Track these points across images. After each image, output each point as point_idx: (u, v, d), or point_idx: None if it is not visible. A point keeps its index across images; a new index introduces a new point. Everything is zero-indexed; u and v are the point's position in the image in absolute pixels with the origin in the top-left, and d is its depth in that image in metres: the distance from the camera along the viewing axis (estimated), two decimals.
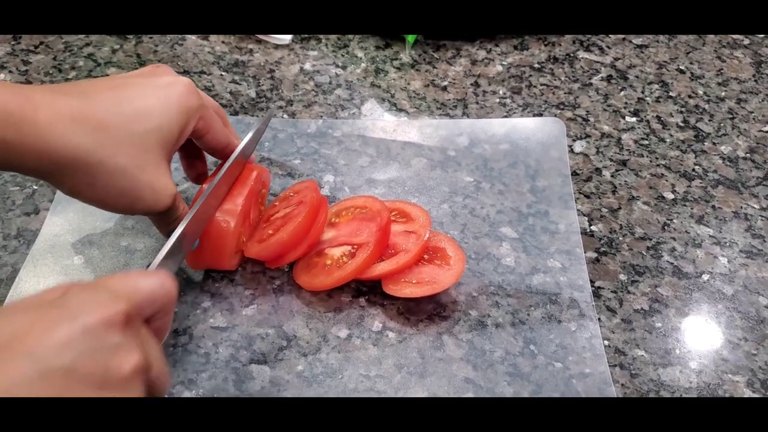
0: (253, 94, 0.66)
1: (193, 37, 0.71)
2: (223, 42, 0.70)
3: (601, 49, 0.72)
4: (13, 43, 0.69)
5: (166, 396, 0.39)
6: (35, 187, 0.57)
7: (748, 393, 0.47)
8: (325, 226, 0.53)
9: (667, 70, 0.70)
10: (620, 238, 0.56)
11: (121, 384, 0.31)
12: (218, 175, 0.47)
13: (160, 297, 0.35)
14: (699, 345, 0.50)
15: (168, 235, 0.45)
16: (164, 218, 0.46)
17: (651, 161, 0.62)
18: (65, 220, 0.54)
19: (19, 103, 0.37)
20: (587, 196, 0.59)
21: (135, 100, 0.41)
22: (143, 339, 0.34)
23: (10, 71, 0.66)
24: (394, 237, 0.52)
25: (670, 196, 0.59)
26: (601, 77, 0.69)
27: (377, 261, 0.50)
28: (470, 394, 0.46)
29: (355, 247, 0.51)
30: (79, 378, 0.30)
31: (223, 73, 0.67)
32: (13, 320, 0.31)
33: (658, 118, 0.66)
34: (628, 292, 0.52)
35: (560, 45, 0.72)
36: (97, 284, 0.34)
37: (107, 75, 0.66)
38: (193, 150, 0.51)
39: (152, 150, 0.41)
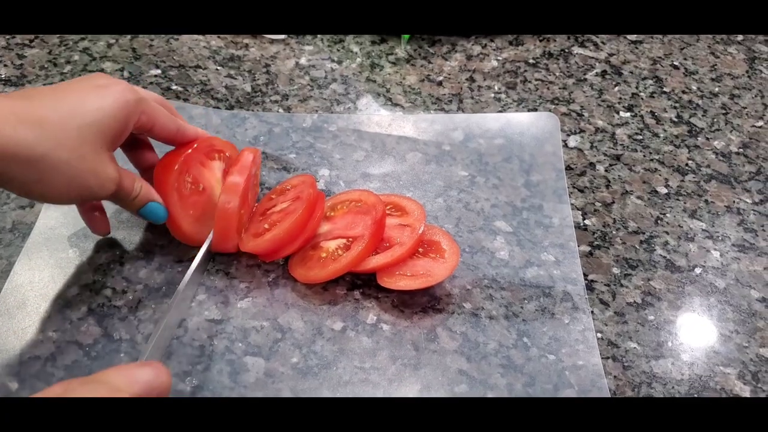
0: (248, 89, 0.66)
1: None
2: (218, 37, 0.71)
3: (595, 44, 0.73)
4: (7, 37, 0.69)
5: None
6: None
7: (738, 385, 0.47)
8: (321, 221, 0.53)
9: (661, 65, 0.71)
10: (613, 232, 0.56)
11: None
12: (182, 283, 0.48)
13: (156, 387, 0.37)
14: (691, 337, 0.50)
15: (137, 213, 0.49)
16: (123, 202, 0.48)
17: (645, 156, 0.62)
18: (60, 213, 0.54)
19: None
20: (581, 191, 0.59)
21: (73, 98, 0.44)
22: None
23: (5, 65, 0.66)
24: (389, 230, 0.52)
25: (663, 190, 0.59)
26: (596, 73, 0.70)
27: (372, 254, 0.51)
28: (464, 386, 0.46)
29: (350, 240, 0.51)
30: None
31: (218, 68, 0.67)
32: None
33: (652, 113, 0.66)
34: (621, 286, 0.53)
35: (555, 41, 0.73)
36: (95, 379, 0.36)
37: (102, 70, 0.66)
38: (138, 143, 0.53)
39: (91, 142, 0.43)
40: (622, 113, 0.66)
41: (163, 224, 0.51)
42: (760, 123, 0.65)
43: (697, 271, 0.54)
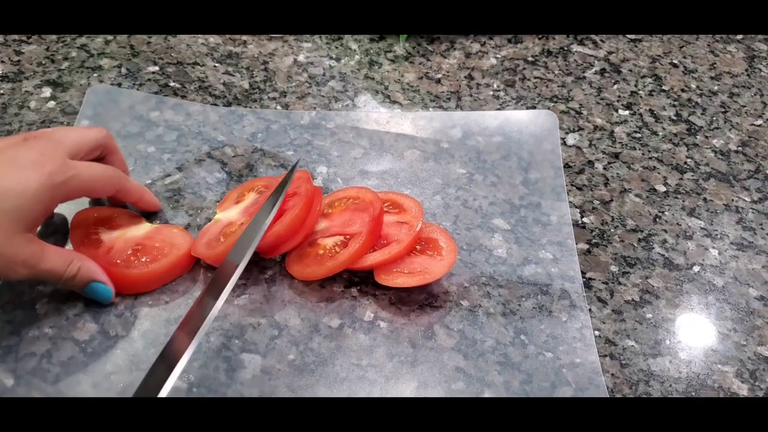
0: (246, 86, 0.66)
1: None
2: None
3: (594, 43, 0.73)
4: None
5: None
6: None
7: (736, 383, 0.47)
8: (319, 217, 0.53)
9: (661, 64, 0.71)
10: (612, 230, 0.56)
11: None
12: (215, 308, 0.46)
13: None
14: (689, 336, 0.50)
15: (82, 290, 0.48)
16: (59, 282, 0.47)
17: (643, 154, 0.62)
18: (57, 209, 0.54)
19: None
20: (579, 188, 0.59)
21: None
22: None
23: (2, 61, 0.66)
24: (387, 228, 0.52)
25: (662, 188, 0.59)
26: (595, 71, 0.70)
27: (369, 251, 0.50)
28: (461, 384, 0.46)
29: (348, 237, 0.51)
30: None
31: (216, 65, 0.67)
32: None
33: (651, 111, 0.66)
34: (619, 283, 0.52)
35: (554, 39, 0.73)
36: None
37: (100, 66, 0.66)
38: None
39: (4, 228, 0.43)
40: (621, 111, 0.66)
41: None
42: (759, 121, 0.65)
43: (696, 269, 0.54)
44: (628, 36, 0.73)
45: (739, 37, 0.74)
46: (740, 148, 0.63)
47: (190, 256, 0.51)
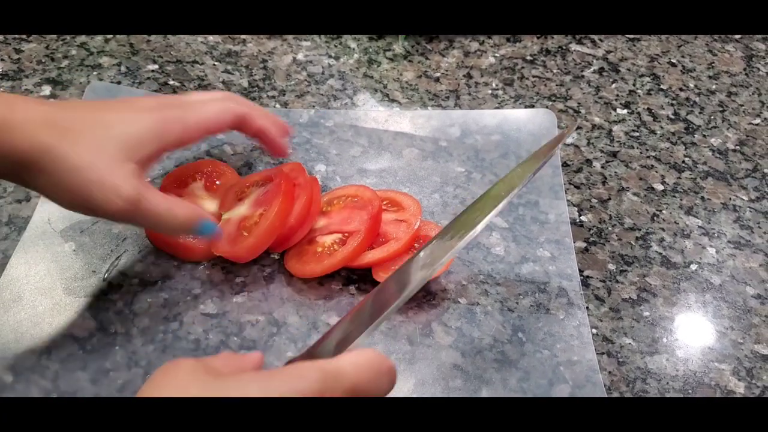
0: (245, 84, 0.66)
1: None
2: None
3: (593, 42, 0.73)
4: None
5: None
6: None
7: (733, 381, 0.47)
8: (318, 215, 0.53)
9: (659, 63, 0.71)
10: (609, 229, 0.56)
11: None
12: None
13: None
14: (686, 334, 0.50)
15: (185, 232, 0.47)
16: (157, 221, 0.45)
17: (641, 153, 0.62)
18: (56, 207, 0.54)
19: (2, 110, 0.40)
20: (577, 187, 0.59)
21: (105, 113, 0.44)
22: None
23: (2, 59, 0.66)
24: (385, 225, 0.52)
25: (659, 187, 0.59)
26: (593, 70, 0.70)
27: (367, 249, 0.51)
28: (458, 381, 0.46)
29: (346, 235, 0.51)
30: None
31: (215, 63, 0.67)
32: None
33: (649, 110, 0.66)
34: (617, 282, 0.53)
35: (553, 38, 0.73)
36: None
37: (99, 64, 0.66)
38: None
39: (110, 153, 0.42)
40: (619, 110, 0.66)
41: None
42: (757, 120, 0.65)
43: (693, 267, 0.54)
44: (627, 35, 0.73)
45: (738, 36, 0.74)
46: (738, 147, 0.63)
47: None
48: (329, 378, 0.33)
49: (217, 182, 0.55)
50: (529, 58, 0.70)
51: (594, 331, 0.50)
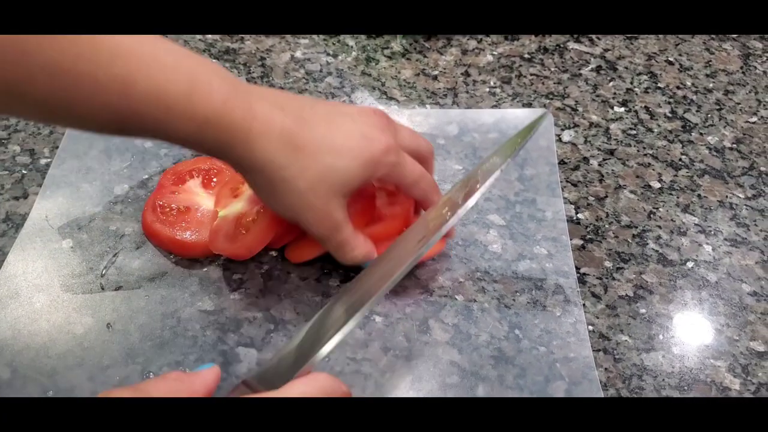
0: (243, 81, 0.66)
1: None
2: None
3: (591, 40, 0.73)
4: None
5: None
6: (24, 172, 0.57)
7: (729, 378, 0.48)
8: None
9: (656, 61, 0.71)
10: (606, 226, 0.56)
11: None
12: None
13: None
14: (682, 331, 0.50)
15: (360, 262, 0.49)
16: (334, 252, 0.48)
17: (638, 151, 0.62)
18: (54, 204, 0.55)
19: (243, 112, 0.41)
20: (574, 185, 0.59)
21: (338, 137, 0.45)
22: None
23: None
24: (381, 209, 0.53)
25: (656, 185, 0.60)
26: (591, 68, 0.70)
27: (363, 227, 0.51)
28: (455, 377, 0.46)
29: None
30: None
31: (214, 61, 0.68)
32: None
33: (647, 108, 0.66)
34: (613, 279, 0.53)
35: (550, 36, 0.73)
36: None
37: None
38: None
39: (329, 181, 0.44)
40: (616, 108, 0.66)
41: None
42: (754, 119, 0.66)
43: (689, 265, 0.54)
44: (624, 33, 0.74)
45: (735, 35, 0.74)
46: (735, 145, 0.63)
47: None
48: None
49: (214, 180, 0.55)
50: (526, 56, 0.71)
51: (590, 328, 0.50)
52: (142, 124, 0.39)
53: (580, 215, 0.57)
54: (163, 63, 0.39)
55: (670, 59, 0.71)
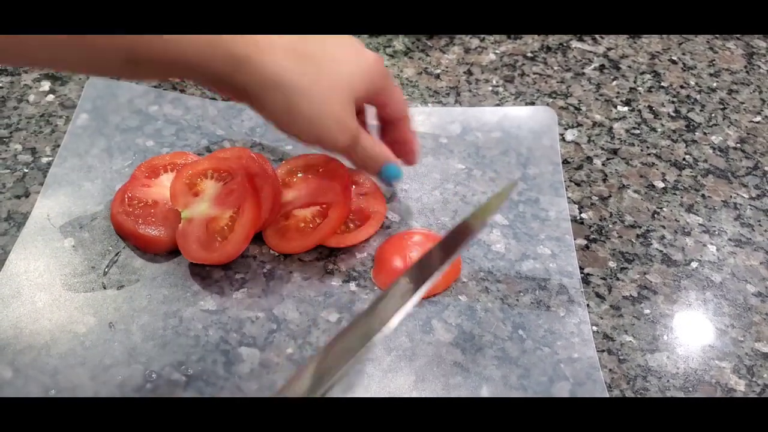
0: None
1: None
2: None
3: (594, 38, 0.73)
4: None
5: None
6: (26, 170, 0.57)
7: (734, 379, 0.47)
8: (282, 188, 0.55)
9: (660, 60, 0.71)
10: (610, 226, 0.56)
11: None
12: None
13: None
14: (686, 331, 0.50)
15: (376, 175, 0.50)
16: (358, 158, 0.49)
17: (642, 150, 0.62)
18: (56, 203, 0.54)
19: (246, 46, 0.42)
20: (578, 184, 0.59)
21: (341, 47, 0.46)
22: None
23: None
24: (356, 200, 0.55)
25: (660, 184, 0.59)
26: (594, 67, 0.70)
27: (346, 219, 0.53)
28: (459, 378, 0.46)
29: (324, 206, 0.53)
30: None
31: None
32: None
33: (650, 107, 0.66)
34: (617, 279, 0.53)
35: (553, 34, 0.73)
36: None
37: None
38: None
39: (343, 89, 0.45)
40: (619, 107, 0.66)
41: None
42: (758, 118, 0.65)
43: (694, 265, 0.54)
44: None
45: (738, 34, 0.74)
46: (739, 145, 0.63)
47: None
48: None
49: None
50: (529, 54, 0.70)
51: (594, 328, 0.50)
52: (152, 44, 0.39)
53: (583, 215, 0.57)
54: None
55: (674, 58, 0.71)
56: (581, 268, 0.53)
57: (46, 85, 0.63)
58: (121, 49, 0.39)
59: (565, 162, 0.60)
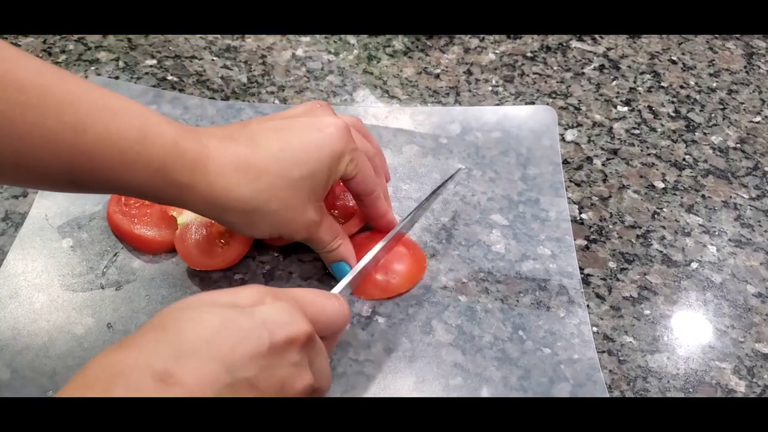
0: (244, 80, 0.65)
1: None
2: None
3: (593, 38, 0.72)
4: None
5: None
6: None
7: (734, 380, 0.47)
8: None
9: (660, 60, 0.71)
10: (610, 226, 0.56)
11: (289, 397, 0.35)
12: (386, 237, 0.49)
13: (338, 320, 0.40)
14: (687, 332, 0.50)
15: (330, 262, 0.49)
16: (316, 249, 0.49)
17: (642, 150, 0.62)
18: (53, 203, 0.54)
19: (196, 151, 0.41)
20: (578, 185, 0.59)
21: (295, 145, 0.44)
22: (317, 355, 0.38)
23: None
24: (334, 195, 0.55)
25: (660, 185, 0.59)
26: (594, 67, 0.69)
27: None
28: (459, 379, 0.46)
29: None
30: (258, 391, 0.34)
31: (214, 58, 0.67)
32: (201, 315, 0.34)
33: (650, 107, 0.66)
34: (617, 280, 0.52)
35: (553, 34, 0.72)
36: (288, 297, 0.38)
37: (97, 60, 0.66)
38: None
39: (301, 194, 0.44)
40: (619, 107, 0.65)
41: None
42: (758, 118, 0.65)
43: (694, 265, 0.54)
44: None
45: (738, 34, 0.74)
46: (738, 145, 0.63)
47: None
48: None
49: None
50: (529, 54, 0.70)
51: (595, 329, 0.49)
52: (96, 174, 0.38)
53: (583, 215, 0.57)
54: (112, 108, 0.38)
55: (674, 58, 0.71)
56: (581, 269, 0.53)
57: None
58: (63, 174, 0.38)
59: (565, 162, 0.60)
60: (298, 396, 0.36)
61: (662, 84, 0.68)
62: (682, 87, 0.68)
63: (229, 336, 0.33)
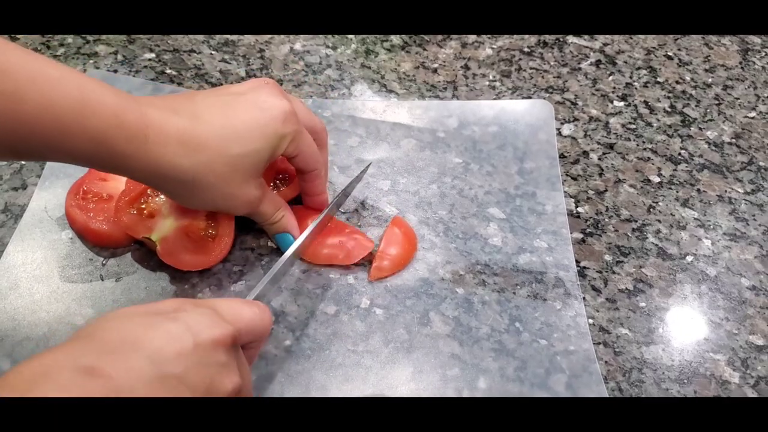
0: (242, 74, 0.66)
1: None
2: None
3: (590, 34, 0.73)
4: None
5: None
6: (23, 162, 0.57)
7: (728, 371, 0.48)
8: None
9: (656, 56, 0.71)
10: (606, 220, 0.56)
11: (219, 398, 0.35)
12: (309, 227, 0.50)
13: (258, 327, 0.40)
14: (682, 324, 0.50)
15: (273, 234, 0.51)
16: (260, 223, 0.51)
17: (638, 145, 0.62)
18: (53, 195, 0.54)
19: (136, 119, 0.40)
20: (574, 179, 0.59)
21: (237, 123, 0.44)
22: (240, 362, 0.38)
23: None
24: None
25: (656, 179, 0.60)
26: (590, 62, 0.70)
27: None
28: (456, 370, 0.47)
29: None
30: (188, 387, 0.33)
31: (213, 52, 0.67)
32: (124, 323, 0.34)
33: (646, 103, 0.66)
34: (613, 273, 0.53)
35: (549, 34, 0.73)
36: (206, 305, 0.38)
37: (96, 52, 0.66)
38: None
39: (241, 170, 0.45)
40: (615, 102, 0.66)
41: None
42: (753, 114, 0.66)
43: (689, 259, 0.54)
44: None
45: (732, 34, 0.74)
46: (734, 140, 0.63)
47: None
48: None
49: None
50: (526, 49, 0.71)
51: (591, 321, 0.50)
52: (35, 142, 0.38)
53: (580, 209, 0.57)
54: (51, 77, 0.38)
55: (670, 54, 0.71)
56: (577, 262, 0.53)
57: None
58: (3, 142, 0.38)
59: (561, 156, 0.61)
60: (228, 396, 0.36)
61: (658, 79, 0.69)
62: (677, 82, 0.68)
63: (155, 337, 0.33)
